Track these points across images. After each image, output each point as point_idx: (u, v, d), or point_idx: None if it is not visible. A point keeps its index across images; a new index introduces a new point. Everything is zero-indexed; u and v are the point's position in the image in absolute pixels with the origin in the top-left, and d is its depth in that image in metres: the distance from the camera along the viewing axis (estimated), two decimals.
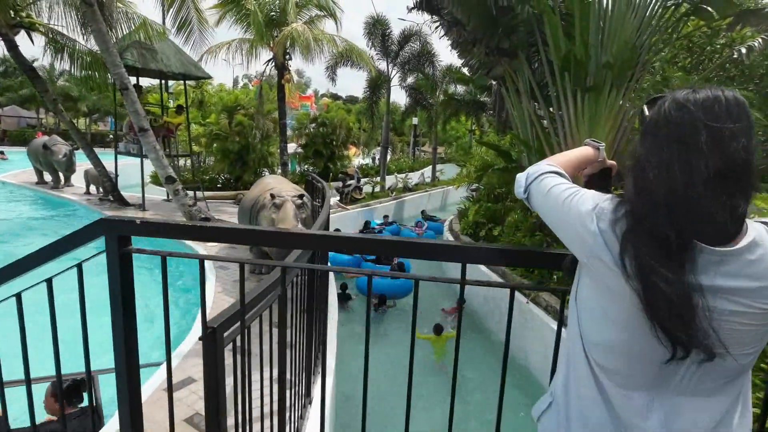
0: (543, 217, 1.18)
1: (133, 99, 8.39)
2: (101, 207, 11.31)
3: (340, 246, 1.38)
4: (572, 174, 1.26)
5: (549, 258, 1.39)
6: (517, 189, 1.27)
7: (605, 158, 1.33)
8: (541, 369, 6.18)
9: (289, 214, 5.53)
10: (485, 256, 1.43)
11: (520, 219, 8.04)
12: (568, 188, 1.10)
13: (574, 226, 1.03)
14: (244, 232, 1.61)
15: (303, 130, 19.68)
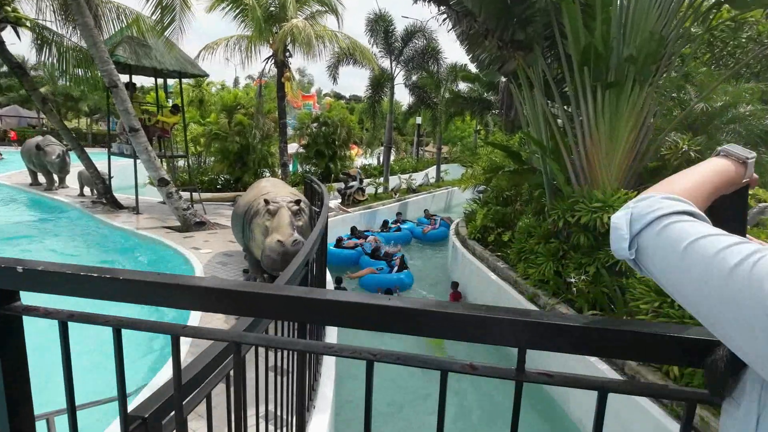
0: (672, 287, 0.68)
1: (123, 97, 7.96)
2: (93, 210, 10.90)
3: (326, 316, 0.91)
4: (704, 207, 0.76)
5: (673, 345, 0.78)
6: (616, 243, 0.74)
7: (753, 175, 0.83)
8: (561, 395, 5.68)
9: (284, 221, 5.07)
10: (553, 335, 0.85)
11: (532, 224, 7.54)
12: (736, 243, 0.60)
13: (756, 314, 0.54)
14: (161, 286, 0.97)
15: (305, 130, 19.25)
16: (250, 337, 0.95)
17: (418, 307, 0.82)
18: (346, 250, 11.22)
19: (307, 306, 0.85)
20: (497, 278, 7.78)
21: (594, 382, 0.83)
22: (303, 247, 2.73)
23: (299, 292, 0.88)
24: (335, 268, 10.33)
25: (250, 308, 0.94)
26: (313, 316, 0.96)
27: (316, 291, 0.88)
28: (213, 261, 7.11)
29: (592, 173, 6.35)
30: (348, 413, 5.08)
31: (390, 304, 0.82)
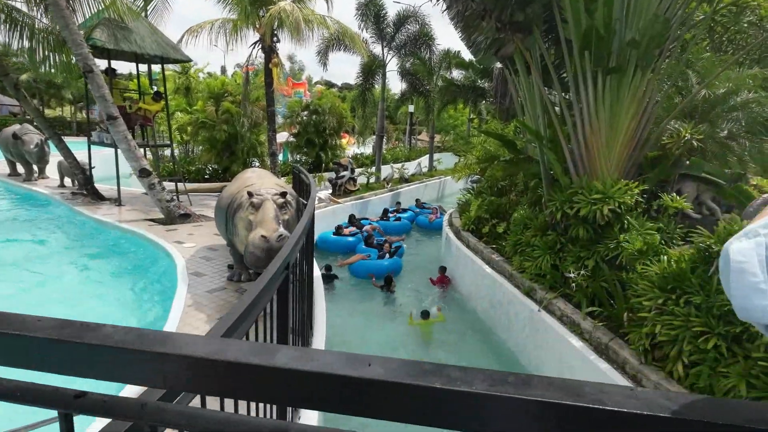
0: None
1: (99, 83, 7.53)
2: (73, 201, 10.48)
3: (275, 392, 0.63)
4: None
5: None
6: (750, 297, 0.46)
7: None
8: None
9: (269, 215, 4.77)
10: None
11: (528, 215, 7.31)
12: None
13: None
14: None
15: (295, 119, 18.80)
16: (169, 413, 0.67)
17: (413, 383, 0.54)
18: (345, 237, 11.52)
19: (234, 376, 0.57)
20: (492, 271, 7.56)
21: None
22: (283, 247, 2.44)
23: (224, 352, 0.59)
24: (334, 255, 10.93)
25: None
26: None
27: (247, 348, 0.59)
28: (196, 256, 6.79)
29: (591, 163, 6.11)
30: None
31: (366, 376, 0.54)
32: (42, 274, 6.56)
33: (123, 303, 5.68)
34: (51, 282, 6.31)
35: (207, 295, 5.28)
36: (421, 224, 14.66)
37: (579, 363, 5.06)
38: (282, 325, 2.57)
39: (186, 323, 4.54)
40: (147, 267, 6.87)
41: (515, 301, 6.60)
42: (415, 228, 14.63)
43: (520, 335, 6.44)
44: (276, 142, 12.51)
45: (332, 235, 11.57)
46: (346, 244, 11.31)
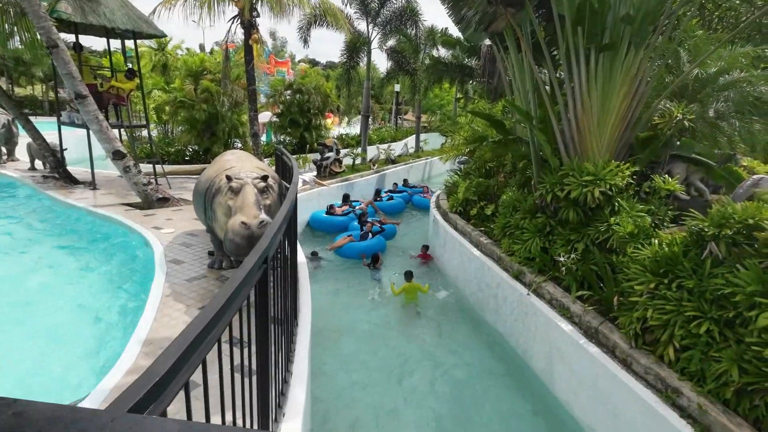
0: None
1: (65, 59, 7.04)
2: (45, 185, 9.99)
3: None
4: None
5: None
6: None
7: None
8: (546, 373, 5.48)
9: (249, 200, 4.52)
10: None
11: (517, 198, 7.18)
12: None
13: None
14: None
15: (278, 98, 18.26)
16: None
17: None
18: (337, 216, 11.48)
19: None
20: (480, 254, 7.47)
21: None
22: (260, 239, 2.24)
23: None
24: (325, 235, 11.10)
25: None
26: None
27: None
28: (175, 242, 6.51)
29: (582, 144, 5.97)
30: (327, 419, 4.74)
31: None
32: (10, 264, 6.23)
33: (97, 294, 5.42)
34: (20, 273, 5.99)
35: (186, 284, 5.05)
36: (418, 204, 14.56)
37: (569, 347, 5.02)
38: (262, 318, 2.38)
39: (164, 314, 4.33)
40: (123, 255, 6.57)
41: (504, 285, 6.52)
42: (412, 208, 14.61)
43: (509, 318, 6.38)
44: (258, 123, 12.08)
45: (324, 214, 11.58)
46: (339, 223, 11.26)
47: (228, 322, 1.67)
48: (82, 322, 4.83)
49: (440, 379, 5.75)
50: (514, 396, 5.46)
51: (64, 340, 4.53)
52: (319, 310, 7.22)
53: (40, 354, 4.33)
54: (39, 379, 3.99)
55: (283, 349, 3.12)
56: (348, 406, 5.07)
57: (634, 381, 4.16)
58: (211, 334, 1.53)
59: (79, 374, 3.95)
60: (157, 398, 1.18)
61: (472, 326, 7.05)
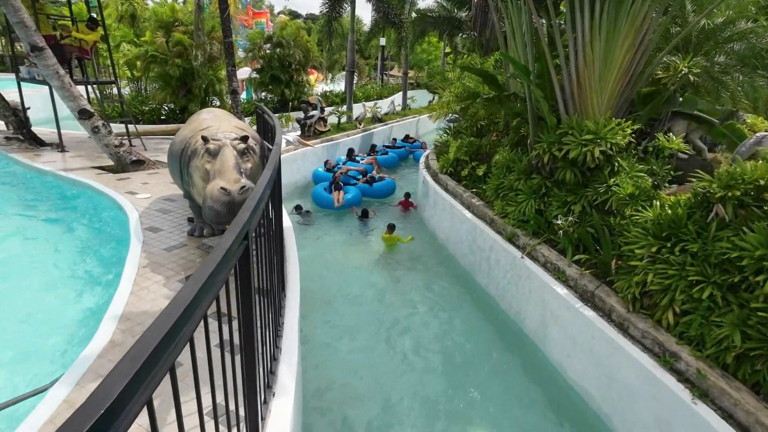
0: None
1: (15, 5, 6.30)
2: (8, 148, 9.33)
3: None
4: None
5: None
6: None
7: None
8: (539, 335, 5.44)
9: (228, 163, 4.16)
10: None
11: (511, 158, 6.91)
12: None
13: None
14: None
15: (257, 52, 17.23)
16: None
17: None
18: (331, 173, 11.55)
19: None
20: (472, 216, 7.28)
21: None
22: (239, 212, 1.94)
23: None
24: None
25: None
26: None
27: None
28: (152, 208, 6.13)
29: (582, 100, 5.66)
30: (322, 396, 4.61)
31: None
32: None
33: (68, 267, 5.08)
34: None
35: (165, 254, 4.75)
36: (418, 159, 14.31)
37: (563, 311, 4.94)
38: (245, 298, 2.13)
39: (142, 287, 4.05)
40: (95, 222, 6.18)
41: (496, 247, 6.38)
42: (413, 164, 14.70)
43: (502, 281, 6.29)
44: (236, 79, 11.36)
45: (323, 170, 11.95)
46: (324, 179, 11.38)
47: (203, 314, 1.41)
48: (54, 296, 4.53)
49: (432, 340, 5.70)
50: (506, 356, 5.45)
51: (37, 316, 4.24)
52: (311, 254, 7.75)
53: (12, 326, 4.06)
54: (10, 353, 3.73)
55: (270, 324, 2.90)
56: (340, 368, 4.97)
57: (631, 345, 4.10)
58: (182, 330, 1.27)
59: (55, 349, 3.71)
60: (117, 418, 0.93)
61: (463, 289, 6.96)
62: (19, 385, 3.29)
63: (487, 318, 6.22)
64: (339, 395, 4.61)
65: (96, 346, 3.16)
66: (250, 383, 2.29)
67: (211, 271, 1.43)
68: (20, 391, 3.06)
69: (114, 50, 14.76)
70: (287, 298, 3.80)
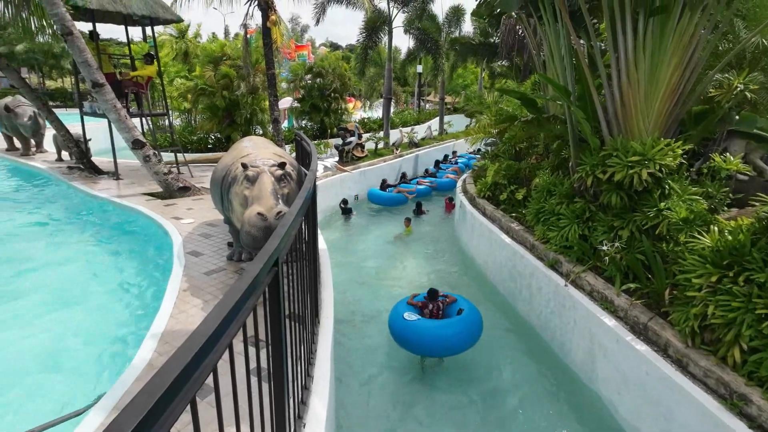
0: None
1: (80, 47, 6.89)
2: (70, 176, 10.05)
3: None
4: None
5: None
6: None
7: None
8: (585, 369, 5.08)
9: (266, 190, 4.25)
10: None
11: (552, 181, 6.69)
12: None
13: None
14: None
15: (299, 83, 17.93)
16: None
17: None
18: (393, 194, 13.02)
19: None
20: (511, 241, 7.04)
21: None
22: (270, 238, 1.93)
23: None
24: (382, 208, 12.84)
25: None
26: None
27: None
28: (195, 233, 6.35)
29: (626, 121, 5.42)
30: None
31: None
32: (33, 256, 6.19)
33: (116, 287, 5.31)
34: (42, 265, 5.95)
35: (204, 278, 4.86)
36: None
37: (612, 343, 4.60)
38: (274, 326, 2.10)
39: (180, 310, 4.14)
40: (143, 246, 6.46)
41: (538, 274, 6.11)
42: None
43: (544, 310, 5.98)
44: (278, 108, 11.81)
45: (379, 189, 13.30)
46: (396, 199, 12.91)
47: (229, 343, 1.38)
48: (98, 317, 4.72)
49: (470, 369, 5.45)
50: (549, 388, 5.12)
51: (80, 334, 4.43)
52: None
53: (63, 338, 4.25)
54: (61, 368, 3.88)
55: (302, 352, 2.85)
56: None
57: (692, 384, 3.73)
58: (204, 361, 1.24)
59: (96, 367, 3.83)
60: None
61: (503, 316, 6.68)
62: (58, 404, 3.38)
63: (528, 348, 5.90)
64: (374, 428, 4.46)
65: (134, 369, 3.22)
66: (279, 413, 2.24)
67: (237, 299, 1.41)
68: (61, 410, 3.14)
69: (168, 85, 15.82)
70: (321, 325, 3.76)
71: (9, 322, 4.62)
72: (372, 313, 6.70)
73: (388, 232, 10.74)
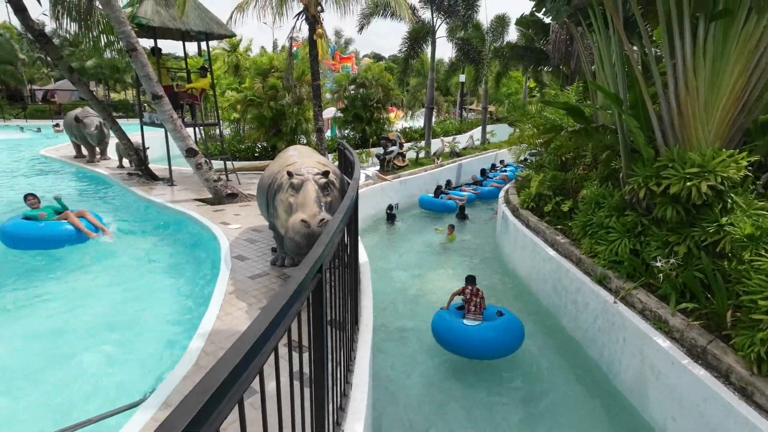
0: None
1: (143, 62, 7.39)
2: (129, 182, 10.74)
3: None
4: None
5: None
6: None
7: None
8: (635, 391, 4.80)
9: (310, 197, 4.35)
10: None
11: (601, 193, 6.42)
12: None
13: None
14: None
15: (342, 93, 18.34)
16: None
17: None
18: (445, 201, 13.18)
19: None
20: (556, 254, 6.81)
21: None
22: (315, 245, 1.98)
23: None
24: (433, 214, 13.08)
25: None
26: None
27: None
28: (241, 238, 6.60)
29: (684, 130, 5.13)
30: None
31: None
32: (89, 260, 6.62)
33: (166, 288, 5.59)
34: (99, 267, 6.36)
35: (249, 281, 5.03)
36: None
37: (666, 366, 4.33)
38: (317, 332, 2.14)
39: (226, 312, 4.30)
40: (193, 249, 6.79)
41: (585, 289, 5.86)
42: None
43: (591, 327, 5.72)
44: (322, 118, 12.12)
45: (433, 196, 13.45)
46: (447, 205, 13.07)
47: (274, 346, 1.42)
48: (149, 313, 4.99)
49: (511, 383, 5.29)
50: (595, 409, 4.87)
51: (138, 330, 4.70)
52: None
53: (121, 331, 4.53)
54: (112, 364, 4.13)
55: (342, 358, 2.88)
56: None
57: (756, 414, 3.44)
58: (252, 364, 1.28)
59: (145, 364, 4.04)
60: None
61: (546, 331, 6.45)
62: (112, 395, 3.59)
63: (573, 365, 5.65)
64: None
65: (182, 367, 3.37)
66: (318, 418, 2.27)
67: (282, 304, 1.45)
68: (112, 404, 3.32)
69: (219, 96, 16.64)
70: (360, 332, 3.78)
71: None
72: (409, 321, 6.66)
73: (430, 240, 10.71)
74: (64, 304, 5.21)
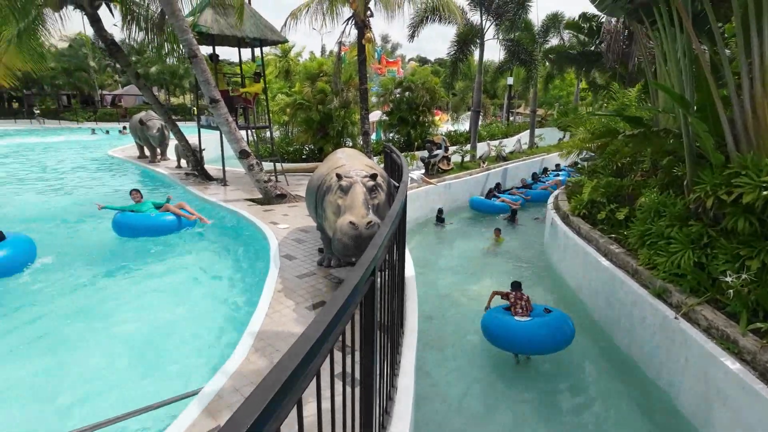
0: None
1: (203, 68, 7.78)
2: (186, 181, 11.32)
3: None
4: None
5: None
6: None
7: None
8: (699, 415, 4.47)
9: (358, 200, 4.40)
10: None
11: (662, 201, 6.05)
12: None
13: None
14: None
15: (388, 96, 18.44)
16: None
17: None
18: (496, 203, 13.26)
19: None
20: (610, 265, 6.47)
21: None
22: (368, 247, 1.99)
23: None
24: (481, 217, 13.07)
25: None
26: None
27: None
28: (289, 238, 6.77)
29: (760, 135, 4.74)
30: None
31: None
32: (143, 257, 7.03)
33: (219, 285, 5.84)
34: (154, 264, 6.75)
35: (297, 281, 5.15)
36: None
37: (735, 390, 3.99)
38: (368, 330, 2.14)
39: (275, 310, 4.42)
40: (244, 248, 7.05)
41: (641, 303, 5.53)
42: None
43: (648, 344, 5.39)
44: (368, 121, 12.25)
45: (485, 197, 13.60)
46: (499, 207, 13.18)
47: (330, 348, 1.44)
48: (202, 308, 5.23)
49: (559, 400, 5.08)
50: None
51: (187, 321, 4.97)
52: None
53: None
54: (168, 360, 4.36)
55: (388, 361, 2.88)
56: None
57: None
58: (310, 365, 1.30)
59: (199, 357, 4.23)
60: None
61: (597, 345, 6.15)
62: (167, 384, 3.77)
63: (628, 383, 5.35)
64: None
65: (234, 362, 3.50)
66: (366, 420, 2.27)
67: (339, 306, 1.46)
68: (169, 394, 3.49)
69: (270, 100, 17.23)
70: (405, 336, 3.77)
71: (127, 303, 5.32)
72: (453, 325, 6.57)
73: (477, 245, 10.60)
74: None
